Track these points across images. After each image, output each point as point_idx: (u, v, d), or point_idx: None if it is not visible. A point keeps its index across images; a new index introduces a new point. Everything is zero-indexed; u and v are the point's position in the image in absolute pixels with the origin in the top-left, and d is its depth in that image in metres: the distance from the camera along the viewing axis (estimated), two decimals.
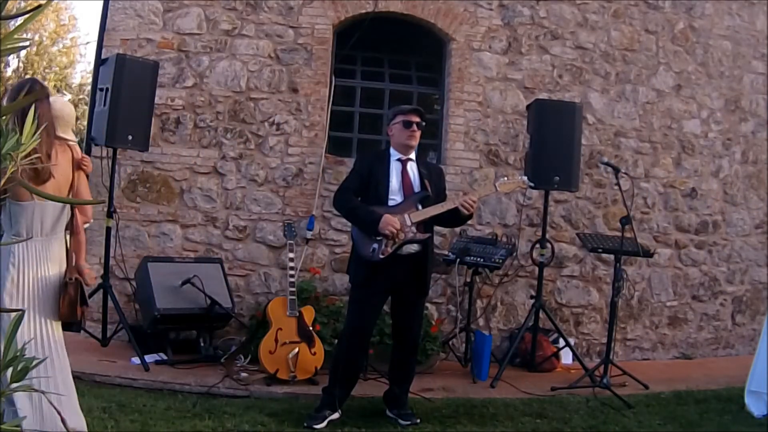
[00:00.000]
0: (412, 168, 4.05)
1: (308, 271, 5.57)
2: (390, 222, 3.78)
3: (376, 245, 3.85)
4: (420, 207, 3.93)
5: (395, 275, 3.89)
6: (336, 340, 4.65)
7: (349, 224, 4.20)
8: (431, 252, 4.10)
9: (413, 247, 3.92)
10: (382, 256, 3.84)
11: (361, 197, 3.99)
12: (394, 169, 4.00)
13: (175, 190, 5.63)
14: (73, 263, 2.88)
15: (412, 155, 4.09)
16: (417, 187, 4.00)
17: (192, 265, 5.17)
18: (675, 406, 4.52)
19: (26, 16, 1.32)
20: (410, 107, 4.17)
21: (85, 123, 8.49)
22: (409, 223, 3.86)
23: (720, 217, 6.62)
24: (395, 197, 3.95)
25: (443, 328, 5.59)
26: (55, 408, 1.74)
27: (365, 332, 4.01)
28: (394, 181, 3.97)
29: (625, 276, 4.89)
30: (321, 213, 5.70)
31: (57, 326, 2.81)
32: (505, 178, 4.23)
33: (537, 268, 5.39)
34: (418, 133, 4.04)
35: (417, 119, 4.01)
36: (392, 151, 4.07)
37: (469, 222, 5.84)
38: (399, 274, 3.90)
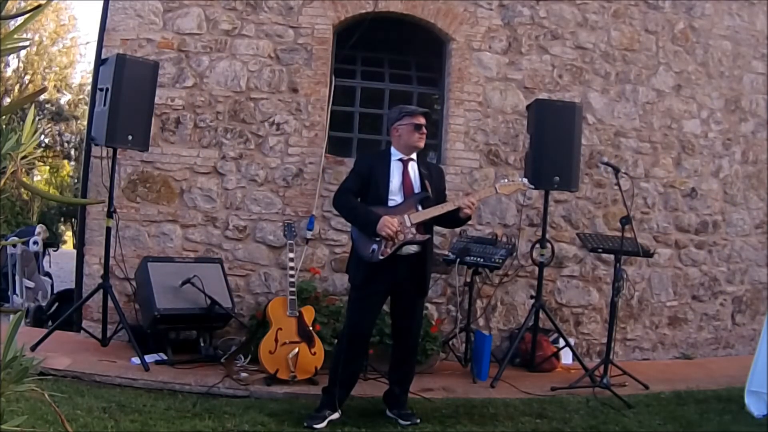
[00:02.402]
0: (413, 168, 4.04)
1: (308, 271, 5.57)
2: (388, 223, 3.77)
3: (375, 246, 3.84)
4: (420, 208, 3.93)
5: (395, 275, 3.89)
6: (336, 340, 4.65)
7: (349, 224, 4.20)
8: (431, 252, 4.10)
9: (413, 248, 3.92)
10: (381, 257, 3.83)
11: (361, 197, 3.99)
12: (395, 169, 4.00)
13: (175, 190, 5.63)
14: None
15: (414, 155, 4.09)
16: (417, 188, 3.99)
17: (192, 265, 5.16)
18: (675, 406, 4.52)
19: (26, 16, 1.32)
20: (420, 110, 4.13)
21: (85, 123, 8.50)
22: (408, 224, 3.85)
23: (720, 217, 6.62)
24: (395, 197, 3.95)
25: (443, 328, 5.59)
26: (55, 408, 1.73)
27: (365, 332, 4.00)
28: (395, 181, 3.97)
29: (625, 276, 4.89)
30: (321, 213, 5.70)
31: None
32: (506, 180, 4.23)
33: (537, 268, 5.39)
34: (424, 136, 4.07)
35: (425, 122, 4.04)
36: (393, 150, 4.06)
37: (469, 222, 5.85)
38: (399, 275, 3.89)
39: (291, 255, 4.82)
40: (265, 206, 5.69)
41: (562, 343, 5.47)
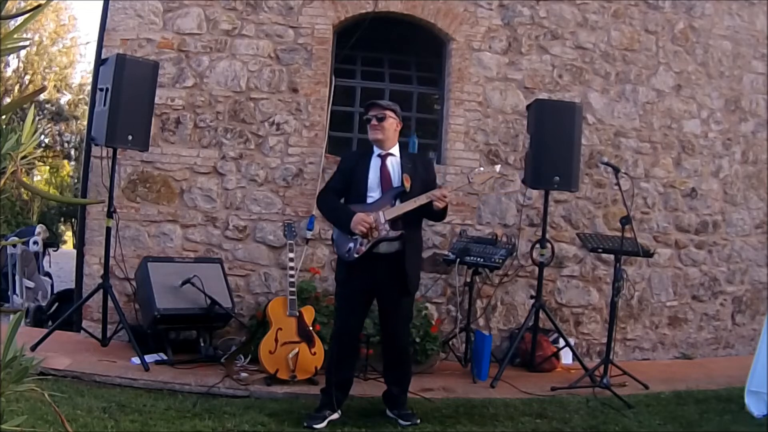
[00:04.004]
0: (392, 162, 3.96)
1: (308, 271, 5.57)
2: (361, 220, 3.74)
3: (352, 244, 3.82)
4: (398, 203, 3.84)
5: (374, 274, 3.84)
6: None
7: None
8: (413, 250, 3.95)
9: (393, 246, 3.84)
10: (356, 255, 3.81)
11: (344, 195, 3.97)
12: (374, 165, 3.94)
13: (175, 190, 5.63)
14: None
15: (394, 150, 3.99)
16: (396, 182, 3.91)
17: (192, 265, 5.16)
18: (675, 406, 4.51)
19: (26, 16, 1.32)
20: (368, 102, 4.06)
21: (85, 123, 8.50)
22: (383, 220, 3.78)
23: (720, 217, 6.62)
24: (373, 194, 3.89)
25: (443, 328, 5.59)
26: (55, 408, 1.74)
27: (352, 331, 3.97)
28: (372, 177, 3.91)
29: (625, 276, 4.88)
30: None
31: None
32: (481, 168, 4.18)
33: (537, 268, 5.39)
34: (380, 126, 3.93)
35: (374, 112, 3.94)
36: (374, 147, 4.03)
37: (469, 222, 5.89)
38: (378, 274, 3.84)
39: (291, 255, 4.82)
40: (265, 206, 5.69)
41: (562, 343, 5.47)
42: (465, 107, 5.97)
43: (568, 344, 5.40)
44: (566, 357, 5.64)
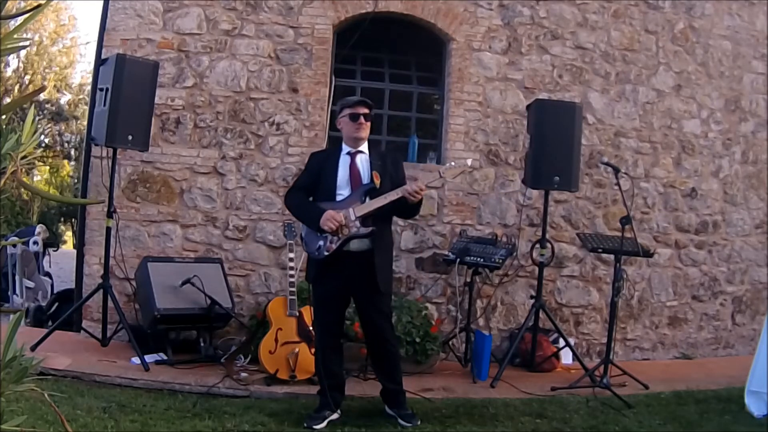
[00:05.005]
0: (361, 160, 3.94)
1: None
2: (330, 217, 3.71)
3: (321, 242, 3.80)
4: (368, 199, 3.82)
5: (344, 273, 3.82)
6: None
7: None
8: (383, 248, 3.91)
9: (364, 243, 3.82)
10: (326, 253, 3.78)
11: (312, 194, 3.95)
12: (343, 162, 3.92)
13: (175, 190, 5.63)
14: None
15: (363, 147, 3.98)
16: (366, 180, 3.89)
17: (192, 265, 5.17)
18: (675, 406, 4.51)
19: (26, 16, 1.32)
20: (356, 99, 4.05)
21: (85, 123, 8.50)
22: (353, 217, 3.75)
23: (720, 217, 6.62)
24: (343, 192, 3.87)
25: (443, 328, 5.59)
26: (55, 408, 1.74)
27: (330, 330, 3.96)
28: (341, 175, 3.89)
29: (625, 276, 4.88)
30: None
31: None
32: (452, 163, 4.16)
33: (537, 268, 5.39)
34: (366, 125, 3.95)
35: (364, 111, 3.93)
36: (343, 145, 4.01)
37: (469, 222, 5.89)
38: (348, 271, 3.82)
39: (291, 255, 4.82)
40: (265, 206, 5.69)
41: (562, 343, 5.46)
42: (465, 107, 5.97)
43: (568, 344, 5.40)
44: (566, 357, 5.64)
